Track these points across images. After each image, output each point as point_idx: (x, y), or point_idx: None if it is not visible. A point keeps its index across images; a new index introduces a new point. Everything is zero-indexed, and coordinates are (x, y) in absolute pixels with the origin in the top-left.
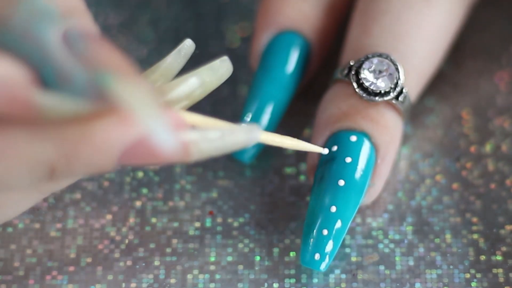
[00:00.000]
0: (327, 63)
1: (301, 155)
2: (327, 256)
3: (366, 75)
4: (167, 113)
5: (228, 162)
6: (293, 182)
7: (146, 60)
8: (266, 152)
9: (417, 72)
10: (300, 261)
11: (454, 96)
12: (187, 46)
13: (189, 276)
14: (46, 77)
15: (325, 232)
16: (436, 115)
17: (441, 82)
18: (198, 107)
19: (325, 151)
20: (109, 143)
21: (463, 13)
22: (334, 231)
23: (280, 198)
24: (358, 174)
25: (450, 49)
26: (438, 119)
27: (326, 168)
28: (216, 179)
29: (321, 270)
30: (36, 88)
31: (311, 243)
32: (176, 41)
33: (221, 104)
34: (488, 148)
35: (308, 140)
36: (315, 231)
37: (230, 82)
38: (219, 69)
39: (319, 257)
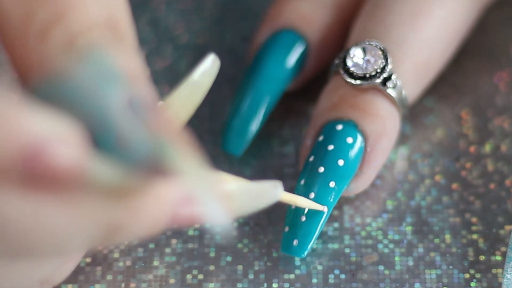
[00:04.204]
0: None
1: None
2: (305, 243)
3: (352, 60)
4: (213, 181)
5: (228, 161)
6: (293, 182)
7: (146, 60)
8: (266, 152)
9: (411, 61)
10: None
11: (453, 96)
12: (210, 64)
13: (189, 276)
14: (100, 140)
15: (303, 218)
16: (435, 115)
17: (440, 82)
18: (198, 107)
19: (325, 209)
20: (165, 206)
21: (472, 14)
22: (312, 218)
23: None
24: (340, 161)
25: (456, 51)
26: (437, 119)
27: (309, 157)
28: None
29: (301, 256)
30: (89, 151)
31: (289, 230)
32: (176, 41)
33: (221, 104)
34: (487, 148)
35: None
36: (294, 217)
37: (230, 82)
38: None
39: (297, 243)
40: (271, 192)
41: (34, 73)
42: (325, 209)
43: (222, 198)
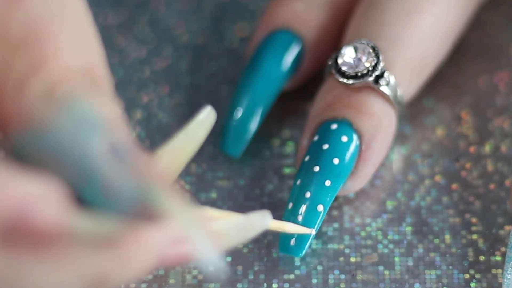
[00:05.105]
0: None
1: None
2: (303, 242)
3: (343, 59)
4: (201, 219)
5: (227, 162)
6: (292, 182)
7: (145, 60)
8: (265, 152)
9: (406, 59)
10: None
11: (453, 96)
12: (206, 115)
13: (188, 276)
14: (86, 190)
15: (299, 218)
16: (435, 116)
17: (440, 82)
18: (198, 107)
19: (313, 232)
20: (151, 251)
21: (466, 11)
22: (308, 217)
23: (279, 198)
24: (335, 160)
25: (451, 49)
26: (437, 120)
27: (304, 157)
28: (215, 180)
29: (299, 256)
30: (70, 206)
31: None
32: (176, 41)
33: (220, 104)
34: (487, 148)
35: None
36: (290, 217)
37: (229, 83)
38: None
39: (294, 242)
40: (258, 223)
41: (14, 125)
42: (312, 232)
43: (211, 236)
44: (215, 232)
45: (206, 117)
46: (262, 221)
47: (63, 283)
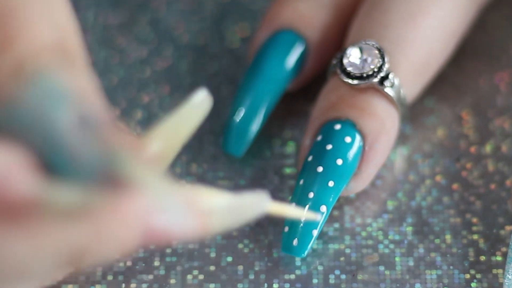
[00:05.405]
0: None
1: None
2: (305, 242)
3: (349, 60)
4: (181, 191)
5: (228, 162)
6: (293, 182)
7: (146, 60)
8: (266, 152)
9: (410, 60)
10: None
11: (454, 96)
12: (201, 100)
13: (189, 277)
14: (55, 162)
15: (302, 218)
16: (436, 116)
17: (441, 82)
18: None
19: (318, 217)
20: (132, 222)
21: (470, 13)
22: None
23: (280, 198)
24: (339, 160)
25: (454, 50)
26: (438, 120)
27: (307, 157)
28: (216, 179)
29: (301, 256)
30: (41, 176)
31: (289, 230)
32: (176, 42)
33: (221, 104)
34: (488, 148)
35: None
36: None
37: (230, 82)
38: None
39: (297, 242)
40: (255, 206)
41: None
42: (317, 217)
43: (195, 210)
44: (203, 210)
45: (201, 100)
46: (259, 203)
47: (41, 257)
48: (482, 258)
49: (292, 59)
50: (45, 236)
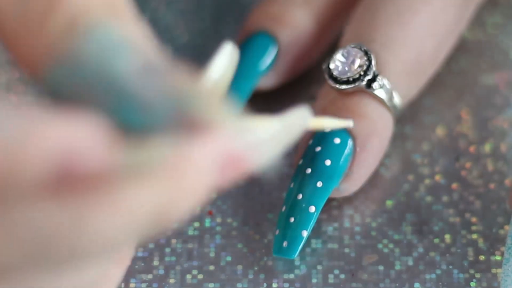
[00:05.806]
0: None
1: None
2: (296, 244)
3: (335, 64)
4: (251, 124)
5: None
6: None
7: None
8: None
9: (401, 60)
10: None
11: (453, 95)
12: (228, 52)
13: (188, 276)
14: (125, 115)
15: (291, 219)
16: (435, 115)
17: (440, 82)
18: None
19: (350, 124)
20: (209, 166)
21: (463, 10)
22: (300, 219)
23: (279, 197)
24: (327, 161)
25: (451, 48)
26: (437, 119)
27: (299, 161)
28: None
29: (292, 257)
30: (114, 142)
31: (279, 232)
32: (176, 41)
33: None
34: (487, 148)
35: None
36: (283, 219)
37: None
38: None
39: (287, 244)
40: (299, 124)
41: (41, 65)
42: (350, 124)
43: (261, 142)
44: (261, 139)
45: (230, 51)
46: (303, 120)
47: (123, 225)
48: (481, 257)
49: (260, 56)
50: (127, 203)
